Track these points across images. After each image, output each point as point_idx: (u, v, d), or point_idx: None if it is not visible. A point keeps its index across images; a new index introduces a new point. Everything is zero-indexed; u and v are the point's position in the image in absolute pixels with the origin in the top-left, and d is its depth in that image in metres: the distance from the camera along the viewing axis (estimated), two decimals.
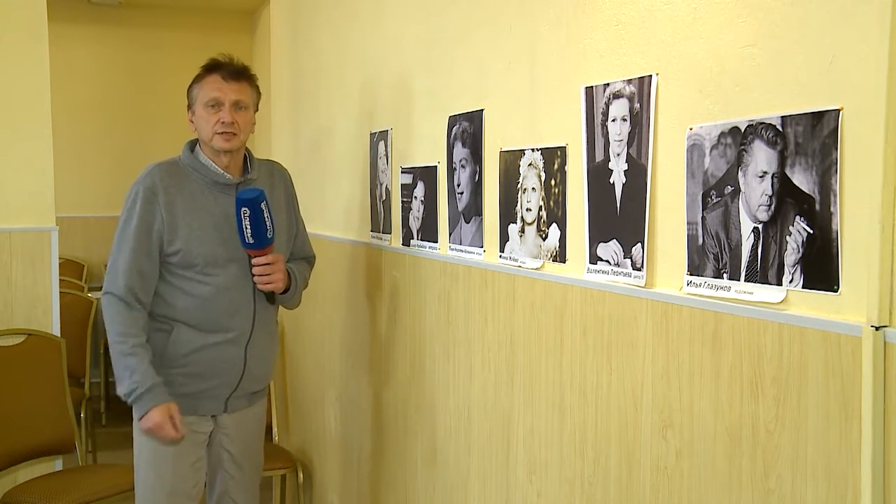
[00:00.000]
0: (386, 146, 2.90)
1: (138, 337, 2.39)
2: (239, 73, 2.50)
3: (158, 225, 2.42)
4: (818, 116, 1.25)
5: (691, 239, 1.51)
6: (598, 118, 1.74)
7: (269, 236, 2.43)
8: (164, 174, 2.47)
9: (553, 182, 1.91)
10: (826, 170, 1.24)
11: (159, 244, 2.43)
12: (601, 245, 1.75)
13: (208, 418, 2.55)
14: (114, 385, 2.47)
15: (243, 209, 2.38)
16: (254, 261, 2.48)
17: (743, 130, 1.39)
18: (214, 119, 2.45)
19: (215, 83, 2.47)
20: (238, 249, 2.47)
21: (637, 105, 1.63)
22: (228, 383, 2.54)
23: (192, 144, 2.55)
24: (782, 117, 1.31)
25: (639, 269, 1.64)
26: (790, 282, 1.31)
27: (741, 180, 1.40)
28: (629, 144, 1.66)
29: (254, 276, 2.49)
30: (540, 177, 1.96)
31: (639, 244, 1.64)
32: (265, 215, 2.40)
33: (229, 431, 2.60)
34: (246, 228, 2.40)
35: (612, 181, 1.71)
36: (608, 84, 1.71)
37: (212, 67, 2.50)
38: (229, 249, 2.47)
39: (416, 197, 2.65)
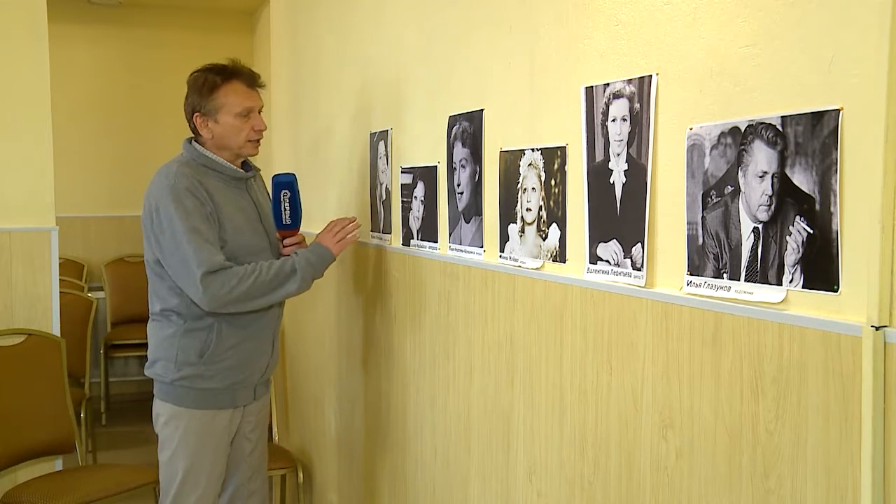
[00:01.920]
0: (386, 146, 2.90)
1: (264, 268, 2.42)
2: (257, 79, 2.55)
3: (212, 218, 2.43)
4: (818, 116, 1.26)
5: (691, 239, 1.51)
6: (598, 118, 1.74)
7: (300, 217, 2.59)
8: (191, 172, 2.46)
9: (553, 182, 1.91)
10: (826, 170, 1.24)
11: (217, 232, 2.44)
12: (601, 245, 1.75)
13: (241, 409, 2.62)
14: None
15: (284, 191, 2.53)
16: (286, 241, 2.62)
17: (743, 130, 1.39)
18: (248, 127, 2.49)
19: (244, 92, 2.50)
20: (263, 240, 2.57)
21: (637, 105, 1.63)
22: (260, 369, 2.63)
23: (190, 142, 2.55)
24: (782, 117, 1.31)
25: (639, 269, 1.64)
26: (790, 282, 1.31)
27: (741, 180, 1.40)
28: (629, 144, 1.66)
29: (285, 256, 2.58)
30: (540, 177, 1.96)
31: (639, 244, 1.64)
32: (299, 197, 2.55)
33: (252, 418, 2.68)
34: (285, 210, 2.54)
35: (612, 181, 1.71)
36: (608, 84, 1.71)
37: (231, 74, 2.50)
38: (259, 239, 2.57)
39: (416, 197, 2.65)
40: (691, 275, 1.51)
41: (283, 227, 2.58)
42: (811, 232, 1.27)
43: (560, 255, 1.90)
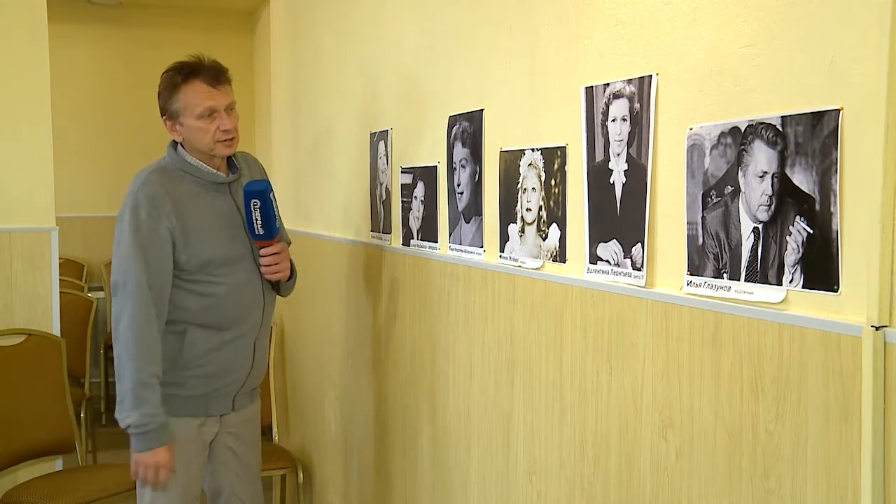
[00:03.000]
0: (386, 146, 2.90)
1: (155, 365, 2.33)
2: (221, 75, 2.42)
3: (168, 233, 2.35)
4: (818, 116, 1.26)
5: (691, 239, 1.51)
6: (598, 118, 1.74)
7: (277, 226, 2.46)
8: (163, 180, 2.40)
9: (553, 182, 1.91)
10: (826, 170, 1.25)
11: (171, 252, 2.37)
12: (601, 245, 1.75)
13: (217, 419, 2.54)
14: (114, 385, 2.45)
15: (254, 201, 2.39)
16: (262, 251, 2.48)
17: (743, 130, 1.39)
18: (213, 128, 2.39)
19: (204, 91, 2.38)
20: (244, 246, 2.47)
21: (637, 105, 1.63)
22: (238, 380, 2.53)
23: (175, 146, 2.49)
24: (782, 117, 1.31)
25: (639, 269, 1.64)
26: (790, 282, 1.31)
27: (741, 180, 1.40)
28: (629, 144, 1.66)
29: (262, 266, 2.48)
30: (540, 177, 1.96)
31: (639, 244, 1.64)
32: (274, 205, 2.43)
33: (235, 430, 2.59)
34: (256, 220, 2.41)
35: (612, 181, 1.71)
36: (608, 84, 1.71)
37: (191, 72, 2.40)
38: (237, 247, 2.46)
39: (416, 197, 2.65)
40: (691, 275, 1.51)
41: (257, 238, 2.45)
42: (811, 232, 1.27)
43: (560, 255, 1.90)
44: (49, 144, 3.68)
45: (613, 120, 1.70)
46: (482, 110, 2.22)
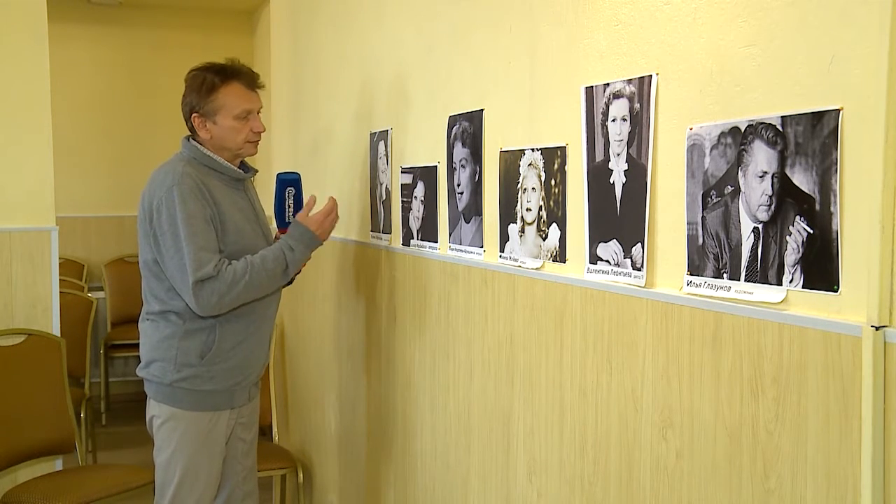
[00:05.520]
0: (386, 146, 2.90)
1: (247, 268, 2.40)
2: (256, 80, 2.54)
3: (214, 221, 2.41)
4: (818, 116, 1.26)
5: (691, 239, 1.51)
6: (598, 118, 1.74)
7: None
8: (196, 174, 2.44)
9: (553, 182, 1.91)
10: (826, 170, 1.25)
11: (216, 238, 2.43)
12: (601, 245, 1.75)
13: (237, 410, 2.60)
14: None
15: (289, 189, 2.57)
16: None
17: (743, 130, 1.39)
18: (247, 129, 2.49)
19: (243, 94, 2.48)
20: (262, 239, 2.57)
21: (637, 105, 1.63)
22: (257, 370, 2.63)
23: (189, 140, 2.53)
24: (782, 117, 1.31)
25: (639, 269, 1.64)
26: (790, 282, 1.31)
27: (741, 180, 1.40)
28: (629, 144, 1.66)
29: None
30: (540, 177, 1.96)
31: (639, 244, 1.64)
32: (302, 196, 2.58)
33: (246, 420, 2.67)
34: (289, 207, 2.58)
35: (612, 181, 1.71)
36: (608, 84, 1.71)
37: (231, 75, 2.48)
38: (259, 239, 2.57)
39: (416, 197, 2.65)
40: (691, 275, 1.51)
41: (286, 226, 2.59)
42: (811, 232, 1.27)
43: (560, 255, 1.90)
44: (49, 144, 3.68)
45: (613, 120, 1.70)
46: (482, 110, 2.22)
